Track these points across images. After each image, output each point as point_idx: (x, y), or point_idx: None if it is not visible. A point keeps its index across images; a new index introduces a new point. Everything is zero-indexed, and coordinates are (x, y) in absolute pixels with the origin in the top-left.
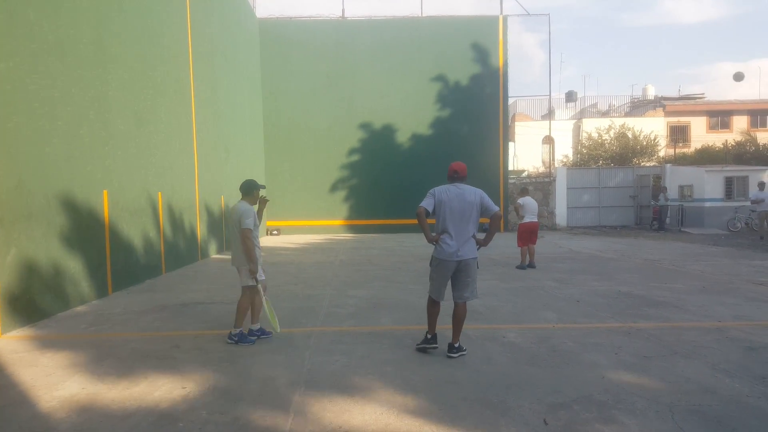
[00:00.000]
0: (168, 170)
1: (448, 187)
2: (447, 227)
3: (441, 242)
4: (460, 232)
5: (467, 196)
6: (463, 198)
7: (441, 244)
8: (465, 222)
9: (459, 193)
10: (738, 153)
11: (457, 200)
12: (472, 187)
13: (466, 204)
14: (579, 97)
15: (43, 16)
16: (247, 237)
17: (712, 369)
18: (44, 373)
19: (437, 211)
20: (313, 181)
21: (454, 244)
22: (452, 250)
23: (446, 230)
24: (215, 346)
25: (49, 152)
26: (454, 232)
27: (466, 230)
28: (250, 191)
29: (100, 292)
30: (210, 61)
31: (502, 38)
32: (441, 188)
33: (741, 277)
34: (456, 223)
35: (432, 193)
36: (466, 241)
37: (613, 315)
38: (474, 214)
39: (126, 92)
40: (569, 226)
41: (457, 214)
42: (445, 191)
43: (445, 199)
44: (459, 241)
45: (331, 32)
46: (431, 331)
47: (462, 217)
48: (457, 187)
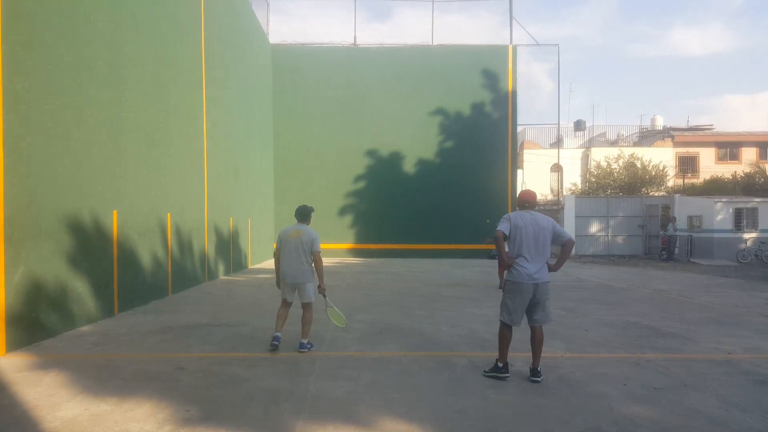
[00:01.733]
0: (178, 191)
1: (521, 213)
2: (522, 251)
3: (517, 266)
4: (536, 256)
5: (541, 222)
6: (537, 224)
7: (518, 268)
8: (540, 246)
9: (533, 219)
10: (747, 184)
11: (533, 225)
12: (544, 215)
13: (541, 229)
14: (587, 126)
15: (61, 38)
16: (320, 260)
17: (723, 402)
18: (47, 393)
19: (512, 235)
20: (321, 204)
21: (531, 267)
22: (530, 272)
23: (522, 254)
24: (220, 369)
25: (61, 172)
26: (530, 256)
27: (542, 254)
28: (309, 217)
29: (106, 312)
30: (223, 85)
31: (512, 67)
32: (515, 214)
33: (751, 309)
34: (531, 247)
35: (507, 218)
36: (542, 265)
37: (622, 345)
38: (548, 239)
39: (139, 114)
40: (578, 254)
41: (531, 239)
42: (520, 217)
43: (521, 224)
44: (535, 264)
45: (342, 59)
46: (503, 359)
47: (536, 242)
48: (531, 214)
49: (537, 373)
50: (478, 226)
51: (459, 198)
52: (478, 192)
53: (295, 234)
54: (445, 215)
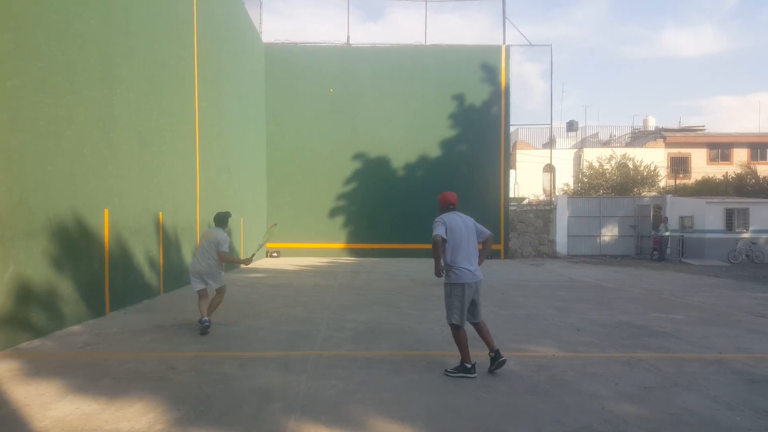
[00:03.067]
0: (170, 191)
1: (449, 215)
2: (461, 252)
3: (458, 268)
4: (472, 256)
5: (468, 221)
6: (466, 224)
7: (458, 270)
8: (472, 246)
9: (462, 219)
10: (738, 185)
11: (464, 227)
12: (466, 215)
13: (469, 229)
14: (580, 127)
15: (52, 36)
16: (225, 258)
17: (714, 401)
18: (38, 392)
19: (451, 238)
20: (314, 203)
21: (471, 267)
22: (472, 272)
23: (461, 255)
24: (211, 368)
25: (52, 170)
26: (468, 256)
27: (475, 253)
28: (226, 222)
29: (98, 311)
30: (215, 84)
31: (505, 68)
32: (446, 216)
33: (742, 309)
34: (466, 248)
35: (442, 221)
36: (476, 263)
37: (614, 345)
38: (475, 238)
39: (131, 113)
40: (569, 254)
41: (465, 239)
42: (451, 219)
43: (455, 226)
44: (473, 263)
45: (335, 58)
46: (469, 359)
47: (469, 242)
48: (457, 215)
49: (499, 354)
50: None
51: None
52: (472, 191)
53: (208, 235)
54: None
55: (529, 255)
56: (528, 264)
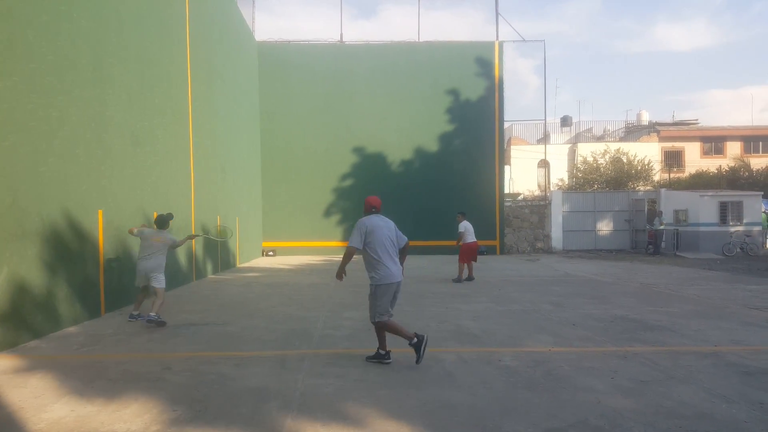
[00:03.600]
0: (164, 190)
1: (372, 217)
2: (383, 253)
3: (382, 269)
4: (393, 257)
5: (390, 224)
6: (388, 227)
7: (383, 271)
8: (394, 247)
9: (384, 222)
10: (732, 178)
11: (386, 229)
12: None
13: (390, 231)
14: (574, 122)
15: (43, 36)
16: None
17: (709, 394)
18: (33, 395)
19: (370, 240)
20: (309, 202)
21: (394, 267)
22: (393, 272)
23: (385, 255)
24: (208, 368)
25: (45, 171)
26: (390, 257)
27: (396, 254)
28: (168, 224)
29: (93, 312)
30: (208, 83)
31: (498, 64)
32: (366, 220)
33: (736, 302)
34: (388, 249)
35: (359, 227)
36: (397, 262)
37: (609, 339)
38: (395, 239)
39: (124, 113)
40: (565, 249)
41: (387, 241)
42: (372, 222)
43: (376, 229)
44: (395, 264)
45: (329, 56)
46: (385, 347)
47: (391, 243)
48: (380, 218)
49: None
50: None
51: (447, 194)
52: (466, 188)
53: (158, 239)
54: (433, 211)
55: (524, 250)
56: (524, 259)
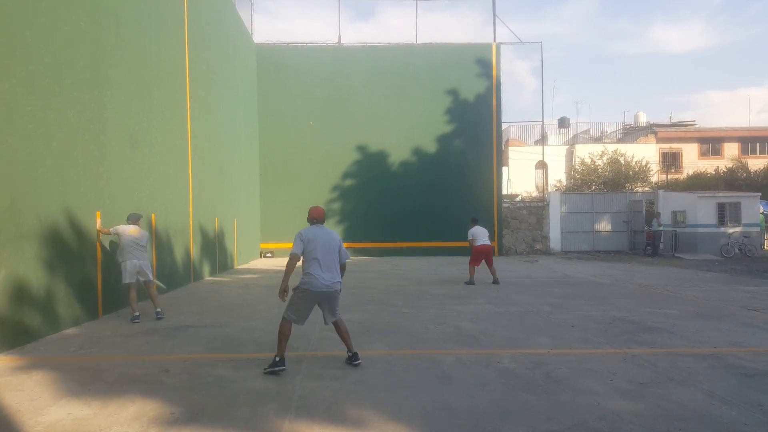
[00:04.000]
0: (162, 192)
1: (312, 228)
2: (316, 261)
3: (311, 275)
4: (329, 265)
5: (332, 235)
6: (328, 237)
7: (312, 277)
8: (331, 257)
9: (324, 232)
10: (729, 179)
11: (323, 238)
12: (334, 232)
13: (331, 241)
14: (571, 123)
15: (41, 38)
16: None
17: (709, 396)
18: (30, 398)
19: (308, 248)
20: (307, 203)
21: (325, 276)
22: (323, 282)
23: (314, 264)
24: (205, 370)
25: (43, 173)
26: (323, 265)
27: (334, 264)
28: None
29: (91, 314)
30: (207, 84)
31: (496, 65)
32: (306, 230)
33: (735, 303)
34: (323, 258)
35: (299, 236)
36: (334, 275)
37: (608, 340)
38: (337, 253)
39: (122, 114)
40: (563, 250)
41: (323, 250)
42: (312, 232)
43: (313, 237)
44: (328, 273)
45: (327, 58)
46: (280, 353)
47: (328, 253)
48: (320, 228)
49: (356, 357)
50: (464, 224)
51: (445, 195)
52: (465, 189)
53: (135, 231)
54: (432, 213)
55: (523, 252)
56: (522, 260)
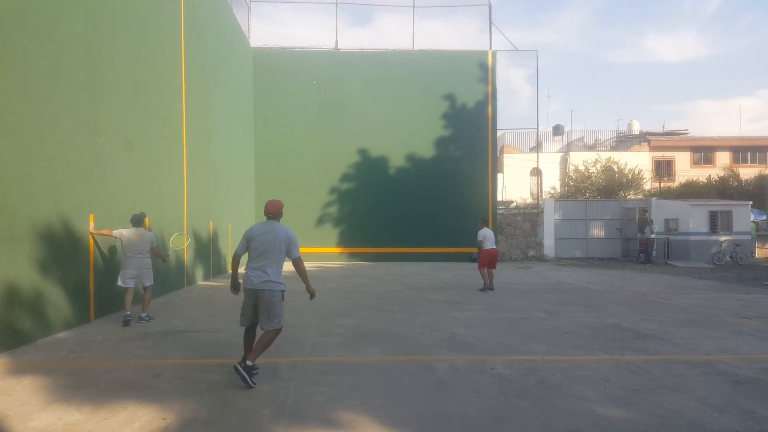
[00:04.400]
0: (156, 195)
1: (260, 223)
2: (254, 260)
3: (247, 272)
4: (262, 264)
5: (277, 232)
6: (273, 233)
7: (247, 274)
8: (269, 255)
9: (270, 229)
10: (721, 188)
11: (266, 235)
12: (286, 227)
13: (275, 239)
14: (566, 131)
15: (37, 40)
16: (158, 253)
17: (701, 403)
18: (19, 402)
19: (250, 245)
20: (303, 208)
21: (257, 274)
22: (253, 279)
23: (253, 262)
24: (198, 375)
25: (36, 175)
26: (257, 263)
27: (269, 262)
28: (143, 222)
29: (82, 318)
30: (203, 88)
31: (491, 72)
32: (251, 228)
33: (727, 311)
34: (261, 258)
35: (245, 233)
36: (267, 273)
37: (602, 347)
38: (280, 250)
39: (117, 117)
40: (557, 257)
41: (261, 247)
42: (258, 227)
43: (255, 235)
44: (261, 271)
45: (324, 63)
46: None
47: (266, 251)
48: (269, 224)
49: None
50: (460, 230)
51: (441, 201)
52: (460, 195)
53: (137, 236)
54: (427, 218)
55: (517, 258)
56: (516, 267)
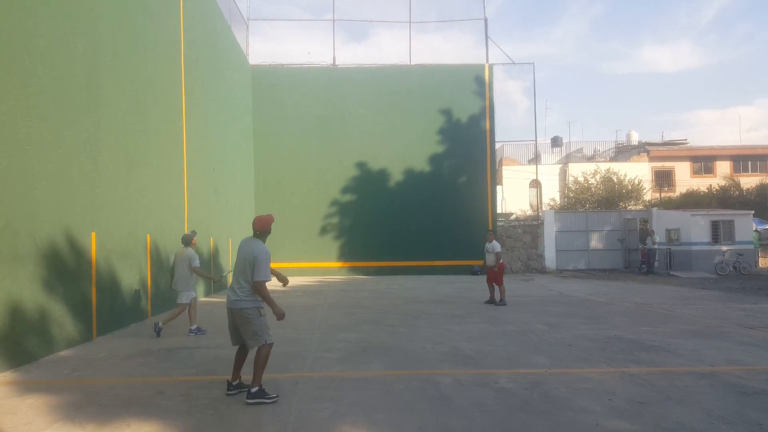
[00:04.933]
0: (157, 212)
1: (245, 240)
2: (234, 277)
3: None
4: (236, 282)
5: (251, 248)
6: (247, 250)
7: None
8: (241, 273)
9: (249, 248)
10: (722, 197)
11: (241, 252)
12: (259, 245)
13: (246, 257)
14: (564, 143)
15: (39, 60)
16: (198, 272)
17: (707, 415)
18: (23, 421)
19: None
20: (302, 223)
21: (231, 293)
22: (229, 297)
23: (234, 280)
24: (200, 392)
25: (38, 194)
26: (237, 282)
27: (242, 279)
28: (190, 241)
29: (85, 336)
30: (202, 105)
31: (489, 85)
32: (242, 242)
33: (731, 321)
34: (239, 275)
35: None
36: (238, 292)
37: (605, 360)
38: (247, 267)
39: (118, 135)
40: (558, 268)
41: (240, 265)
42: (242, 245)
43: (238, 253)
44: (234, 290)
45: (322, 79)
46: (231, 377)
47: (242, 269)
48: (250, 242)
49: (230, 387)
50: (460, 243)
51: (440, 214)
52: (459, 208)
53: (181, 254)
54: (427, 232)
55: (518, 270)
56: (518, 279)
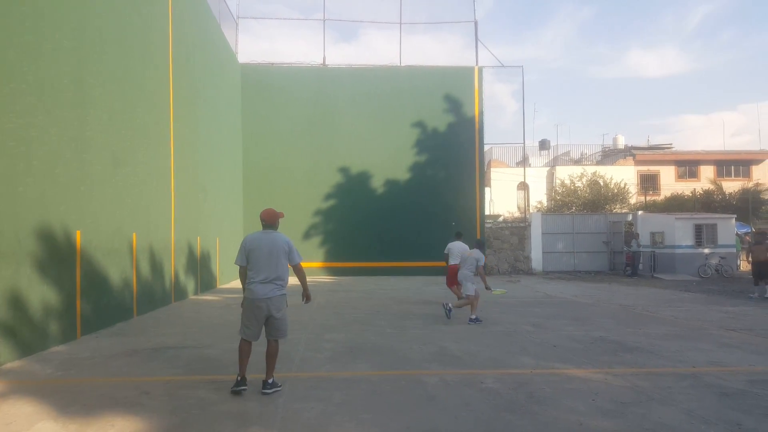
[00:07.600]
0: (144, 211)
1: (257, 233)
2: (257, 272)
3: (251, 284)
4: (268, 273)
5: (277, 241)
6: (274, 244)
7: (252, 286)
8: (274, 266)
9: (269, 237)
10: (706, 201)
11: (268, 246)
12: (281, 234)
13: (275, 247)
14: (552, 146)
15: (24, 56)
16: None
17: (688, 415)
18: (4, 422)
19: (250, 257)
20: (291, 223)
21: (261, 287)
22: (259, 291)
23: (257, 274)
24: (186, 392)
25: (22, 192)
26: (263, 274)
27: (275, 271)
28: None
29: (69, 335)
30: (190, 104)
31: (478, 88)
32: (249, 238)
33: (713, 323)
34: (263, 268)
35: (241, 245)
36: (274, 282)
37: (590, 360)
38: (282, 257)
39: (104, 133)
40: (545, 270)
41: (264, 259)
42: (256, 238)
43: (255, 246)
44: (265, 284)
45: (312, 79)
46: (240, 372)
47: (270, 261)
48: (267, 233)
49: (266, 386)
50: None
51: (429, 215)
52: (448, 209)
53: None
54: (416, 233)
55: (505, 271)
56: (505, 280)
